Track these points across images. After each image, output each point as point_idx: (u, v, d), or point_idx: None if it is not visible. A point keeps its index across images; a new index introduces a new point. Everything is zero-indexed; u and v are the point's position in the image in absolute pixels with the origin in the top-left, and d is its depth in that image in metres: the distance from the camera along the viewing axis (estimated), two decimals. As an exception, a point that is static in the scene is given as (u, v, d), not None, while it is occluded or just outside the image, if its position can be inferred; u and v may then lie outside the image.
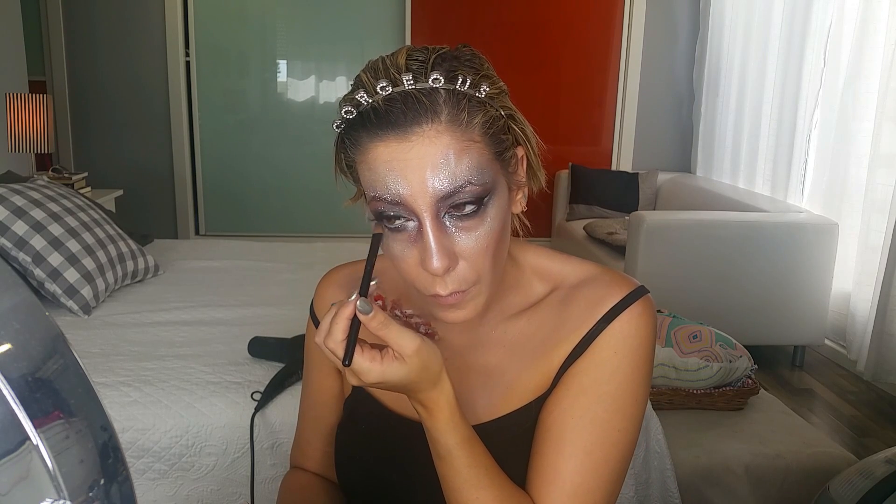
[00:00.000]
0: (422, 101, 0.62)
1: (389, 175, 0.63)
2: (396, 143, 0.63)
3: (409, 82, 0.63)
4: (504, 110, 0.67)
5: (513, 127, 0.69)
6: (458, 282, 0.66)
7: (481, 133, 0.65)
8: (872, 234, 2.88)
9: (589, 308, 0.74)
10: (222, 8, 4.42)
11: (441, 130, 0.63)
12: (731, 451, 1.72)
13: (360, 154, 0.65)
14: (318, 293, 0.88)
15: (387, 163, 0.63)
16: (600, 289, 0.75)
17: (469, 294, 0.67)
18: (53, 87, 4.31)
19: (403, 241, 0.66)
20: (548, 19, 4.45)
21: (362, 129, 0.64)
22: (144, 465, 1.45)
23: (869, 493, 1.10)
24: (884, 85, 2.80)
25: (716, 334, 1.90)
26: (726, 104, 4.08)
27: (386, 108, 0.63)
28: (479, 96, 0.65)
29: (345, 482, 0.85)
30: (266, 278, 2.43)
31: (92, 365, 1.64)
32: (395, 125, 0.62)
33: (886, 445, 2.37)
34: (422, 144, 0.62)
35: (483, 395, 0.78)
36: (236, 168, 4.59)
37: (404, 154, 0.62)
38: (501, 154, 0.67)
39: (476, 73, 0.66)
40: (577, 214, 4.25)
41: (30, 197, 2.09)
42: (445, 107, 0.63)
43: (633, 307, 0.73)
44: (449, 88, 0.64)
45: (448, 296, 0.66)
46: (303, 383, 0.94)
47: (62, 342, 0.33)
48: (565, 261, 0.79)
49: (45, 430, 0.30)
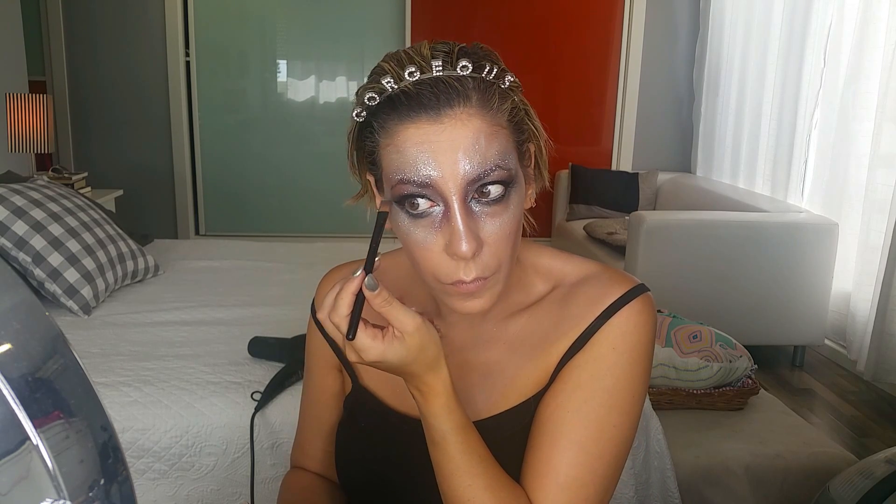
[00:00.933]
0: (453, 86, 0.63)
1: (420, 157, 0.63)
2: (428, 124, 0.63)
3: (437, 68, 0.64)
4: (521, 104, 0.70)
5: (528, 122, 0.70)
6: (482, 268, 0.66)
7: (507, 120, 0.66)
8: (872, 234, 2.88)
9: (588, 305, 0.74)
10: (222, 8, 4.42)
11: (472, 114, 0.64)
12: (731, 451, 1.72)
13: (387, 137, 0.65)
14: (320, 292, 0.88)
15: (418, 144, 0.63)
16: (600, 286, 0.75)
17: (489, 282, 0.67)
18: (53, 87, 4.31)
19: (427, 226, 0.65)
20: (548, 19, 4.45)
21: (392, 112, 0.64)
22: (144, 465, 1.45)
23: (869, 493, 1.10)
24: (884, 85, 2.80)
25: (716, 334, 1.90)
26: (726, 104, 4.08)
27: (417, 90, 0.63)
28: (503, 86, 0.67)
29: (345, 481, 0.85)
30: (266, 278, 2.43)
31: (92, 365, 1.64)
32: (428, 107, 0.63)
33: (886, 445, 2.37)
34: (454, 127, 0.63)
35: (483, 391, 0.78)
36: (236, 168, 4.59)
37: (436, 136, 0.63)
38: (521, 145, 0.69)
39: (498, 65, 0.68)
40: (577, 214, 4.25)
41: (30, 197, 2.09)
42: (475, 92, 0.64)
43: (632, 304, 0.74)
44: (476, 76, 0.65)
45: (471, 282, 0.66)
46: (303, 382, 0.94)
47: (62, 342, 0.33)
48: (566, 259, 0.80)
49: (45, 430, 0.30)
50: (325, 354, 0.88)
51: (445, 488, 0.70)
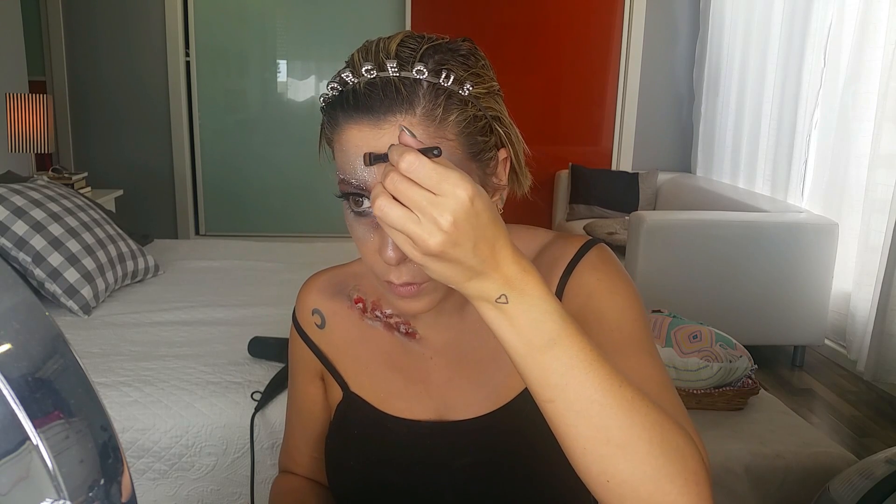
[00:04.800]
0: (400, 91, 0.62)
1: (359, 160, 0.63)
2: (369, 128, 0.62)
3: (393, 69, 0.62)
4: (489, 111, 0.66)
5: (496, 129, 0.67)
6: (413, 274, 0.64)
7: (455, 132, 0.63)
8: (872, 234, 2.88)
9: (549, 270, 0.75)
10: (222, 8, 4.42)
11: (414, 123, 0.62)
12: (731, 451, 1.72)
13: (335, 134, 0.66)
14: (300, 299, 0.87)
15: (357, 147, 0.63)
16: (556, 250, 0.76)
17: (424, 288, 0.66)
18: (53, 87, 4.31)
19: (367, 224, 0.66)
20: (548, 19, 4.45)
21: (340, 110, 0.64)
22: (144, 465, 1.45)
23: (869, 493, 1.10)
24: (884, 85, 2.80)
25: (716, 334, 1.90)
26: (726, 104, 4.08)
27: (365, 91, 0.62)
28: (462, 94, 0.64)
29: (336, 488, 0.84)
30: (266, 278, 2.43)
31: (92, 365, 1.64)
32: (371, 110, 0.62)
33: (886, 445, 2.37)
34: (393, 134, 0.61)
35: (484, 384, 0.77)
36: (236, 168, 4.59)
37: (375, 141, 0.62)
38: (477, 155, 0.66)
39: (466, 69, 0.65)
40: (577, 214, 4.25)
41: (30, 197, 2.09)
42: (423, 100, 0.62)
43: (589, 252, 0.75)
44: (431, 82, 0.62)
45: (401, 286, 0.65)
46: (288, 391, 0.93)
47: (62, 342, 0.33)
48: (519, 236, 0.78)
49: (45, 430, 0.30)
50: (308, 363, 0.87)
51: (591, 446, 0.54)
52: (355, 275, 0.85)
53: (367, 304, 0.82)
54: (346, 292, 0.84)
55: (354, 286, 0.84)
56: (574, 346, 0.54)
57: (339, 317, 0.84)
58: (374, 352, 0.82)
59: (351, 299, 0.83)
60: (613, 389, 0.54)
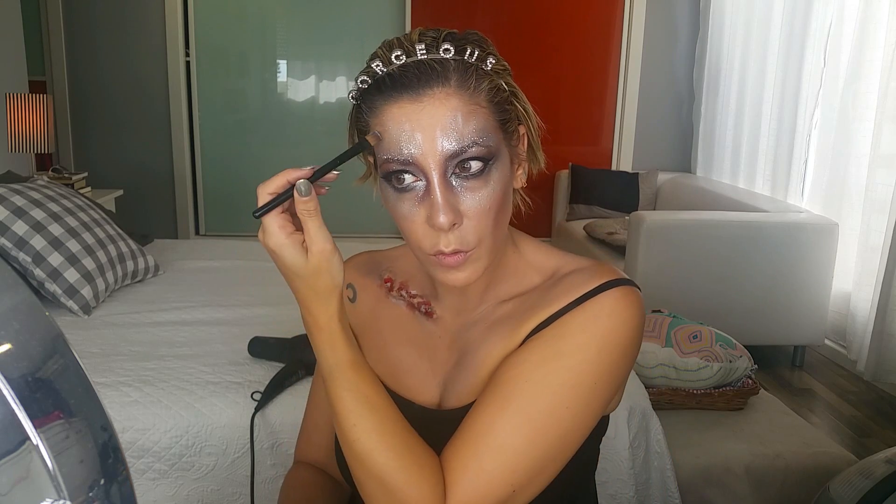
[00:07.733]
0: (434, 68, 0.68)
1: (403, 135, 0.67)
2: (409, 103, 0.67)
3: (421, 52, 0.69)
4: (508, 86, 0.72)
5: (515, 103, 0.73)
6: (461, 241, 0.69)
7: (487, 99, 0.69)
8: (872, 234, 2.88)
9: (568, 291, 0.75)
10: (222, 8, 4.42)
11: (450, 93, 0.68)
12: (731, 451, 1.72)
13: (375, 117, 0.70)
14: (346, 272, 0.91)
15: (400, 123, 0.68)
16: (585, 276, 0.75)
17: (470, 256, 0.70)
18: (53, 87, 4.31)
19: (411, 200, 0.70)
20: (548, 19, 4.45)
21: (378, 94, 0.69)
22: (144, 465, 1.45)
23: (869, 493, 1.10)
24: (884, 85, 2.80)
25: (716, 334, 1.90)
26: (726, 104, 4.08)
27: (400, 73, 0.68)
28: (486, 68, 0.70)
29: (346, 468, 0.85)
30: (266, 278, 2.42)
31: (92, 365, 1.64)
32: (409, 87, 0.67)
33: (886, 445, 2.37)
34: (433, 105, 0.67)
35: (478, 375, 0.78)
36: (236, 168, 4.59)
37: (416, 114, 0.67)
38: (505, 124, 0.72)
39: (483, 49, 0.71)
40: (577, 214, 4.25)
41: (30, 197, 2.09)
42: (455, 73, 0.68)
43: (611, 291, 0.73)
44: (458, 59, 0.69)
45: (451, 254, 0.69)
46: (314, 375, 0.96)
47: (62, 342, 0.33)
48: (564, 256, 0.81)
49: (45, 430, 0.30)
50: None
51: (336, 427, 0.71)
52: (390, 258, 0.91)
53: (394, 283, 0.87)
54: (379, 272, 0.89)
55: (388, 267, 0.89)
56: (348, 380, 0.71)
57: (367, 292, 0.89)
58: (393, 327, 0.86)
59: (381, 278, 0.88)
60: None
